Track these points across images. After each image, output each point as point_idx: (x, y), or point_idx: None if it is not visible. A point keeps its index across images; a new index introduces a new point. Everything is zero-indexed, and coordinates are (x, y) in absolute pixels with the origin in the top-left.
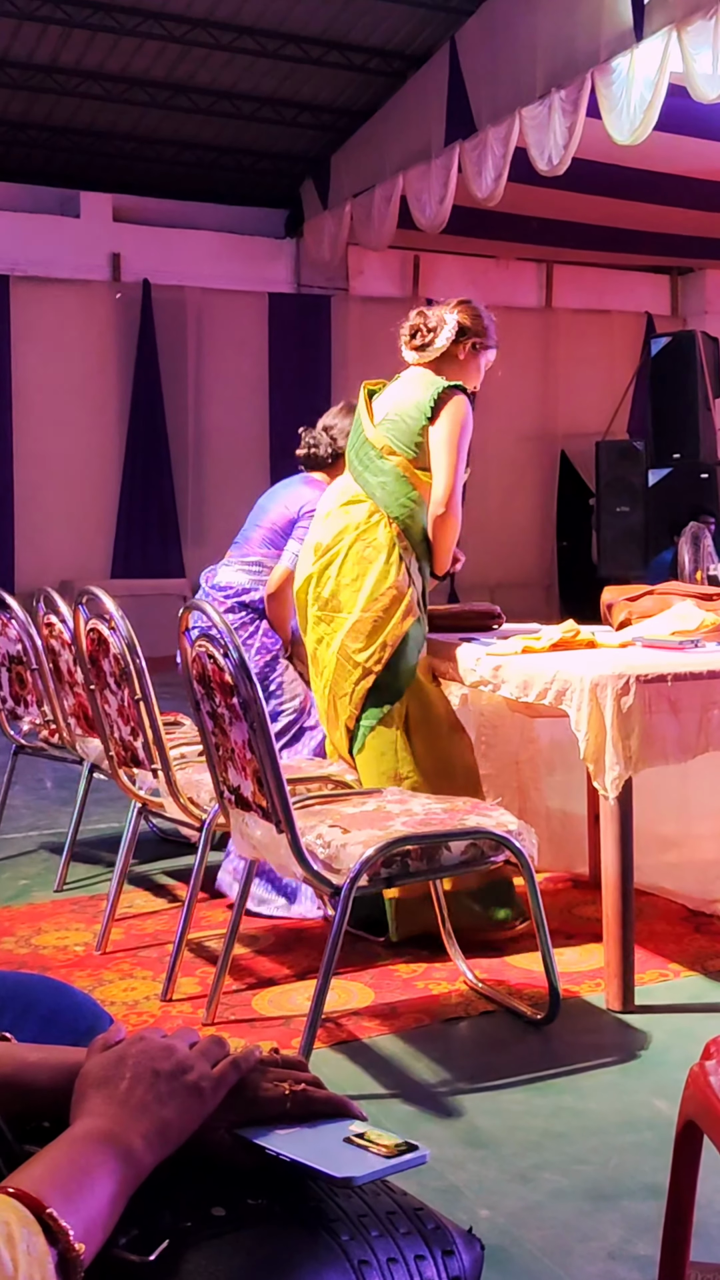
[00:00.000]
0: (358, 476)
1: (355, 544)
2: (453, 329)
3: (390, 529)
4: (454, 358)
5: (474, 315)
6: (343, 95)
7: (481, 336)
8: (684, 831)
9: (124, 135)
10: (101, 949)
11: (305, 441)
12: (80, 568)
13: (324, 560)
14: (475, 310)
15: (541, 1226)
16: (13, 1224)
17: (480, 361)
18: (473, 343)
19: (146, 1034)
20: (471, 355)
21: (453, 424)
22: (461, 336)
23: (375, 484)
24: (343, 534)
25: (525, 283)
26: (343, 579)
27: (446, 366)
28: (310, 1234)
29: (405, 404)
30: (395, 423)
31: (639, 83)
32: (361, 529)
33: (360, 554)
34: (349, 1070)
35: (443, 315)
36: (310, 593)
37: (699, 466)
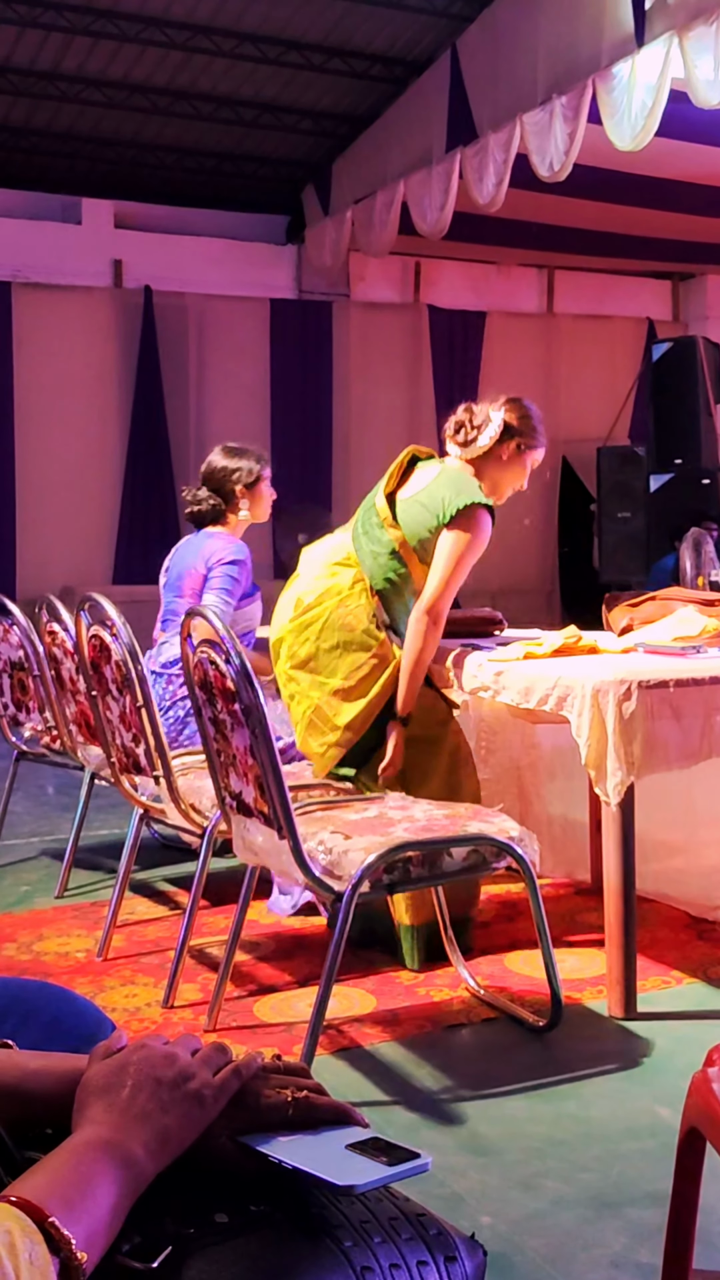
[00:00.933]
0: (355, 538)
1: (337, 609)
2: (498, 428)
3: (371, 600)
4: (497, 458)
5: (522, 415)
6: (344, 101)
7: (528, 437)
8: (686, 838)
9: (126, 142)
10: (103, 955)
11: (186, 501)
12: (82, 574)
13: (303, 619)
14: (524, 410)
15: (544, 1234)
16: (15, 1233)
17: (526, 461)
18: (518, 443)
19: (148, 1041)
20: (516, 455)
21: (465, 539)
22: (506, 437)
23: (368, 551)
24: (325, 596)
25: (526, 288)
26: (322, 643)
27: (489, 466)
28: (313, 1240)
29: (433, 496)
30: (413, 508)
31: (640, 88)
32: (344, 595)
33: (342, 620)
34: (351, 1077)
35: (489, 413)
36: (285, 648)
37: (700, 472)
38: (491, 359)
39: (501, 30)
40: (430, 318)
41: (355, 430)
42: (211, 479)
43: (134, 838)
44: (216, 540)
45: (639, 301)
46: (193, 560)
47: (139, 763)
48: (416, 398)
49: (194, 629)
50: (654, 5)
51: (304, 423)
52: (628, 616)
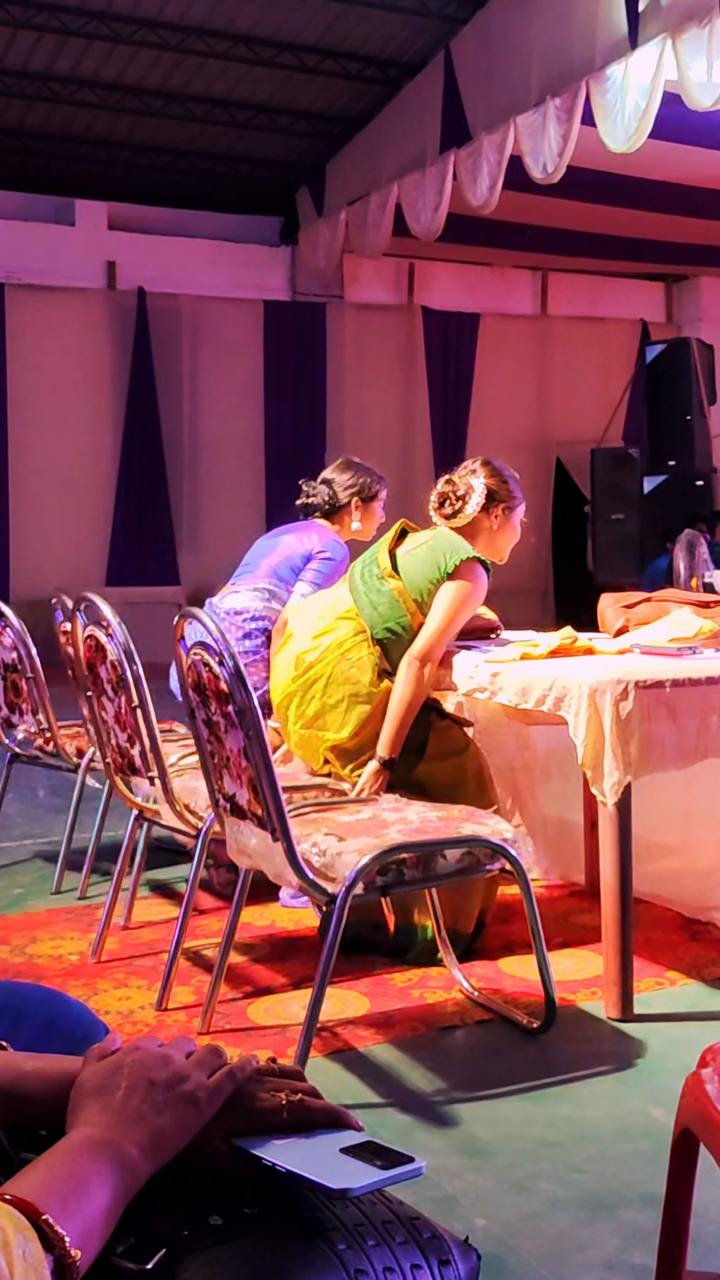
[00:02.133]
0: (354, 589)
1: (339, 664)
2: (481, 495)
3: (374, 650)
4: (486, 528)
5: (500, 479)
6: (338, 103)
7: (509, 500)
8: (681, 839)
9: (119, 143)
10: (97, 957)
11: (305, 491)
12: (75, 575)
13: (307, 676)
14: (500, 473)
15: (538, 1236)
16: (9, 1230)
17: (514, 521)
18: (503, 507)
19: (142, 1043)
20: (504, 519)
21: (462, 592)
22: (491, 503)
23: (368, 602)
24: (327, 651)
25: (520, 290)
26: (328, 699)
27: (481, 535)
28: (306, 1243)
29: (435, 550)
30: (414, 560)
31: (633, 90)
32: (345, 648)
33: (345, 674)
34: (345, 1079)
35: (470, 482)
36: (293, 708)
37: (694, 473)
38: (485, 361)
39: (495, 32)
40: (424, 319)
41: (349, 432)
42: (329, 484)
43: (129, 839)
44: (329, 533)
45: (632, 303)
46: (293, 538)
47: (134, 763)
48: (410, 399)
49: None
50: (647, 8)
51: (297, 424)
52: (623, 618)
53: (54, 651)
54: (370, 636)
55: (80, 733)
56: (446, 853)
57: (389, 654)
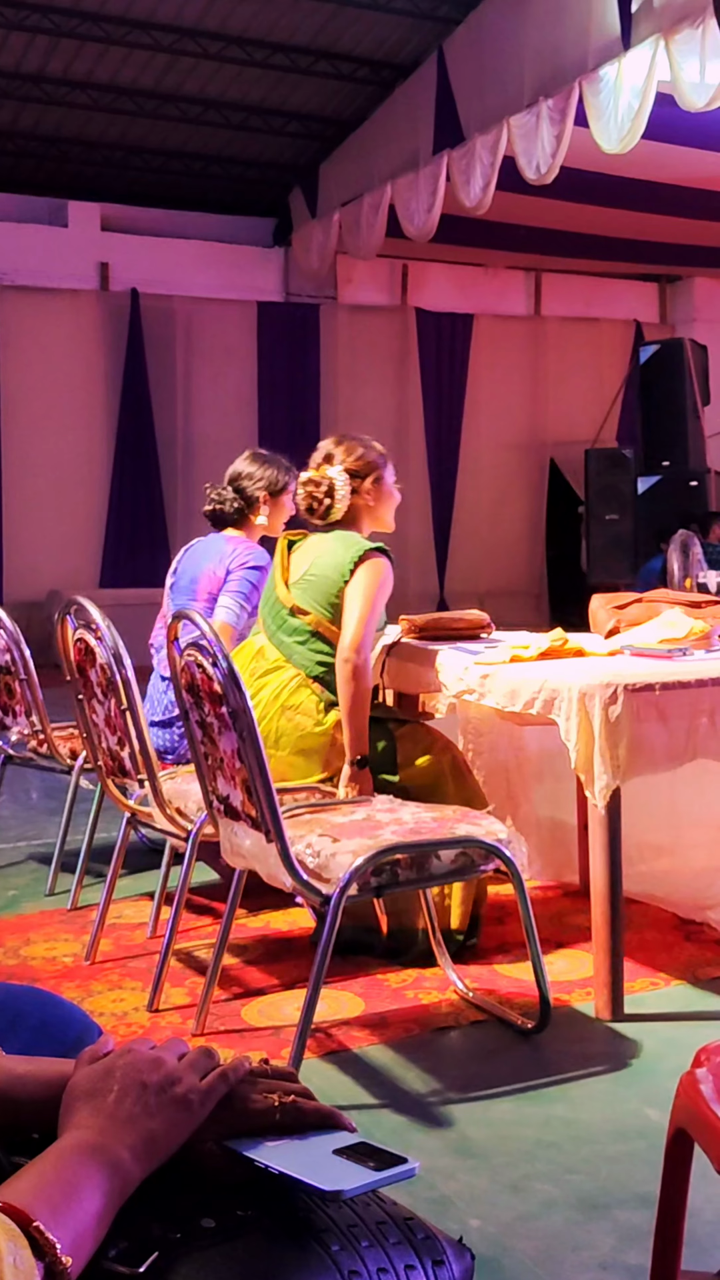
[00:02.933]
0: (272, 636)
1: (281, 719)
2: (345, 483)
3: (314, 689)
4: (364, 507)
5: (356, 454)
6: (331, 104)
7: (374, 468)
8: (673, 840)
9: (112, 144)
10: (91, 959)
11: (210, 499)
12: (68, 577)
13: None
14: (353, 446)
15: (533, 1236)
16: (0, 1239)
17: (387, 486)
18: (371, 480)
19: (135, 1045)
20: (376, 490)
21: (370, 580)
22: (357, 482)
23: (291, 643)
24: (267, 709)
25: (514, 291)
26: (281, 753)
27: (361, 517)
28: (300, 1245)
29: (324, 564)
30: (312, 582)
31: (626, 91)
32: (284, 699)
33: (290, 726)
34: (339, 1080)
35: (327, 473)
36: None
37: (688, 474)
38: (479, 361)
39: (488, 33)
40: (418, 320)
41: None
42: (236, 481)
43: (122, 841)
44: (235, 543)
45: (626, 304)
46: (210, 563)
47: (124, 766)
48: (404, 400)
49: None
50: (640, 8)
51: (291, 426)
52: (614, 619)
53: (48, 653)
54: (306, 676)
55: (74, 734)
56: (441, 853)
57: (331, 686)
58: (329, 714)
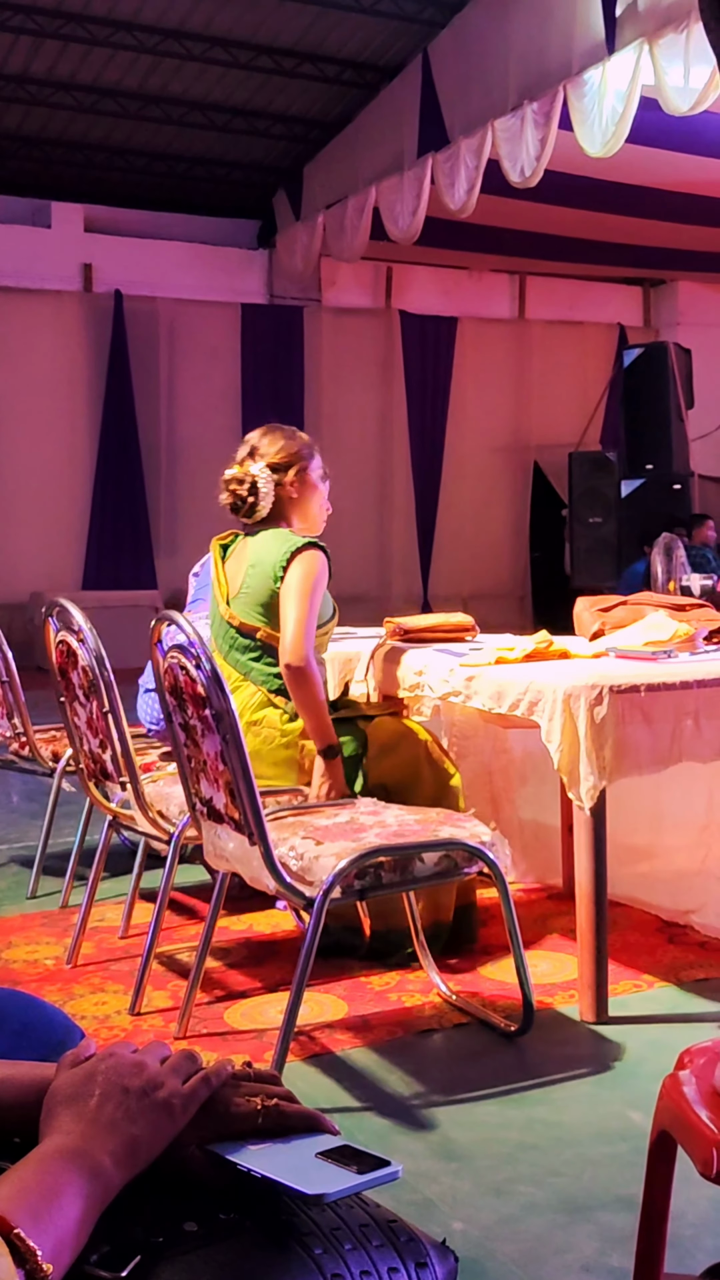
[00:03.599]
0: (226, 656)
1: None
2: (268, 480)
3: (277, 703)
4: (288, 500)
5: (279, 446)
6: (315, 106)
7: (298, 460)
8: (658, 842)
9: (96, 145)
10: (72, 963)
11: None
12: (51, 579)
13: None
14: (276, 438)
15: (516, 1239)
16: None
17: (312, 479)
18: (294, 472)
19: (117, 1049)
20: (300, 482)
21: (303, 576)
22: (280, 476)
23: (245, 661)
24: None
25: (498, 294)
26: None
27: (289, 511)
28: (283, 1248)
29: (259, 569)
30: (250, 593)
31: (611, 95)
32: (249, 718)
33: (258, 746)
34: (322, 1083)
35: (249, 470)
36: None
37: (671, 477)
38: (463, 364)
39: (473, 36)
40: (402, 323)
41: (327, 436)
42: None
43: (104, 844)
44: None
45: (610, 307)
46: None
47: (106, 769)
48: (388, 403)
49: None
50: (625, 12)
51: None
52: (599, 621)
53: (29, 655)
54: (267, 692)
55: (56, 736)
56: (424, 856)
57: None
58: (294, 722)
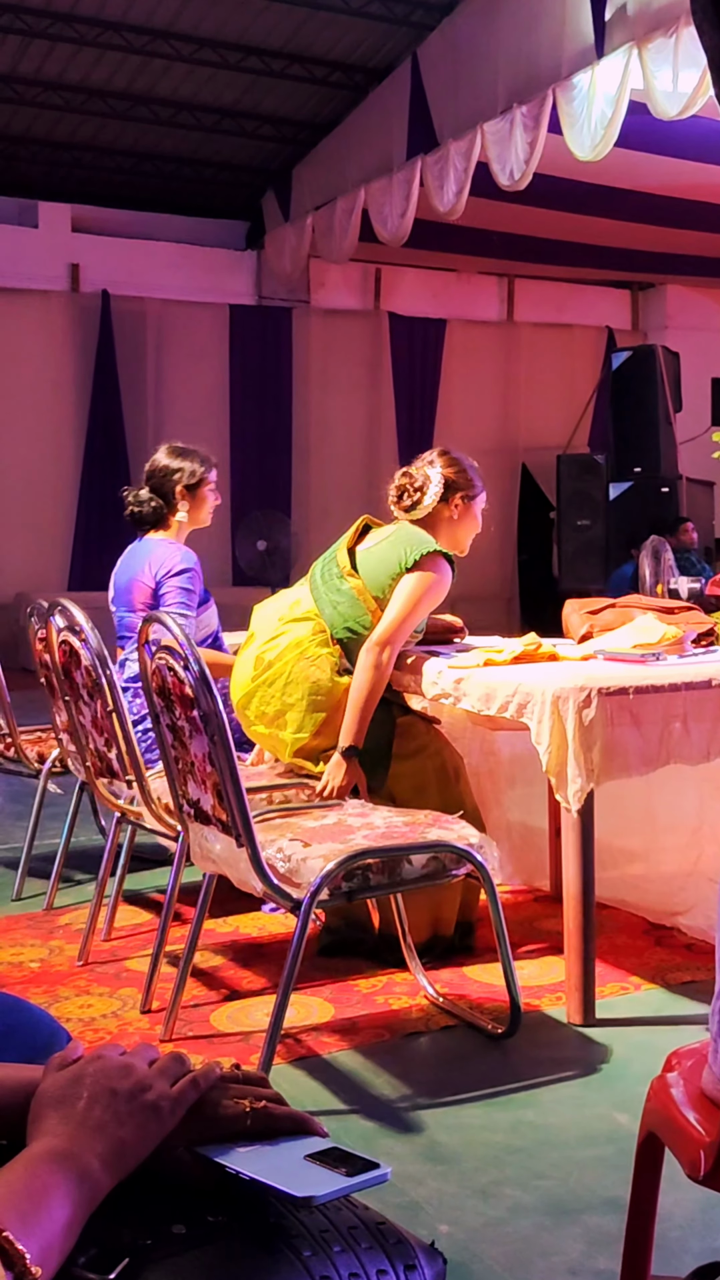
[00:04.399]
0: (314, 589)
1: (298, 663)
2: (439, 486)
3: (333, 650)
4: (447, 518)
5: (458, 468)
6: (304, 108)
7: (469, 488)
8: (645, 844)
9: (83, 145)
10: (84, 960)
11: (128, 502)
12: (37, 580)
13: (267, 676)
14: (457, 462)
15: (502, 1242)
16: None
17: (474, 510)
18: (462, 496)
19: (105, 1051)
20: (464, 508)
21: (423, 581)
22: (450, 493)
23: (328, 601)
24: (286, 650)
25: (486, 296)
26: (288, 698)
27: (440, 526)
28: (272, 1250)
29: (394, 546)
30: (373, 558)
31: (600, 99)
32: (304, 648)
33: (304, 674)
34: (309, 1086)
35: (427, 473)
36: (254, 706)
37: (659, 480)
38: (451, 367)
39: (462, 39)
40: (390, 325)
41: (315, 437)
42: (153, 478)
43: (112, 843)
44: (161, 549)
45: (598, 310)
46: (138, 570)
47: (112, 767)
48: (376, 405)
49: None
50: (614, 16)
51: (263, 429)
52: (587, 624)
53: (14, 656)
54: (330, 636)
55: (42, 737)
56: (412, 858)
57: (349, 653)
58: (341, 678)
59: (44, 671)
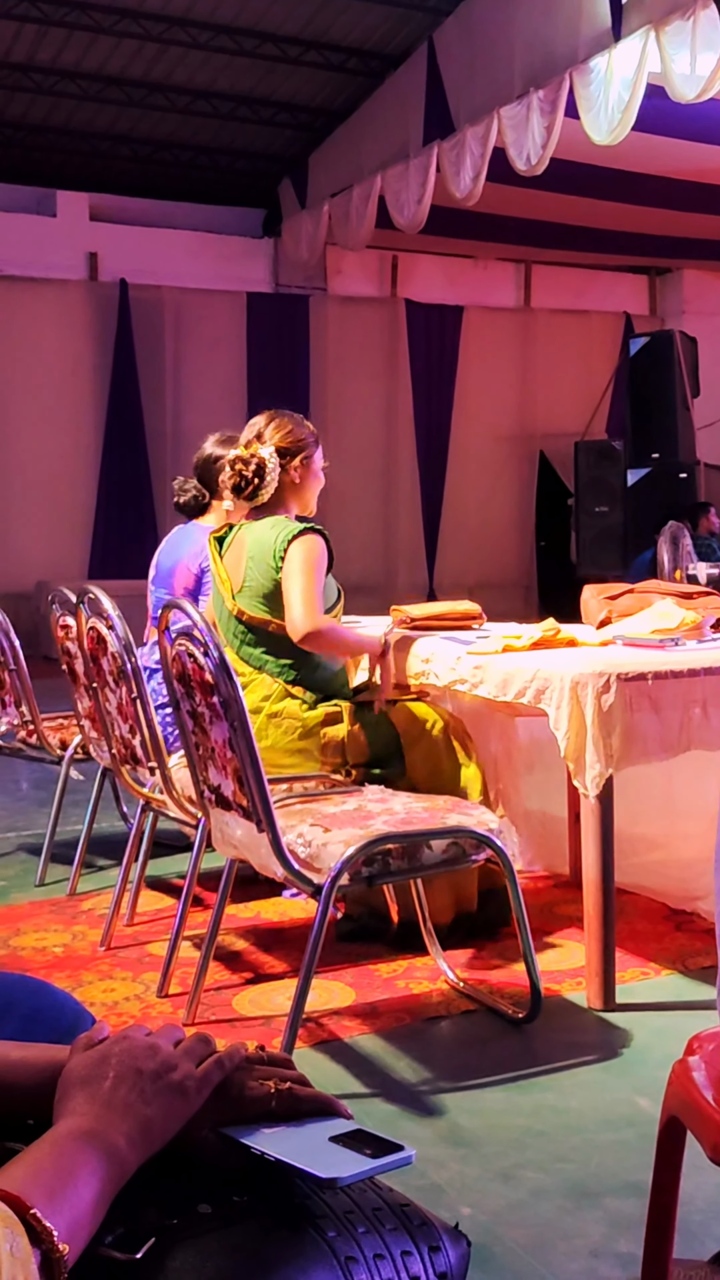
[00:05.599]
0: (238, 650)
1: (269, 726)
2: (275, 463)
3: (296, 692)
4: (289, 485)
5: (285, 431)
6: (320, 94)
7: (303, 448)
8: (666, 830)
9: (101, 134)
10: (106, 945)
11: (175, 490)
12: (57, 568)
13: None
14: (284, 423)
15: (524, 1224)
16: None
17: (314, 468)
18: (301, 459)
19: (130, 1033)
20: (304, 469)
21: (303, 557)
22: (286, 461)
23: (259, 655)
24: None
25: (503, 283)
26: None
27: (288, 497)
28: (296, 1231)
29: (259, 560)
30: (253, 586)
31: (617, 83)
32: (268, 710)
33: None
34: (330, 1070)
35: (258, 453)
36: None
37: (677, 466)
38: (469, 353)
39: (478, 24)
40: (407, 312)
41: (332, 424)
42: (199, 467)
43: (137, 828)
44: (203, 536)
45: (616, 296)
46: (181, 555)
47: (136, 754)
48: (394, 392)
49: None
50: (630, 0)
51: None
52: (606, 609)
53: (35, 644)
54: (285, 683)
55: (64, 725)
56: (432, 843)
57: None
58: (314, 710)
59: (66, 659)
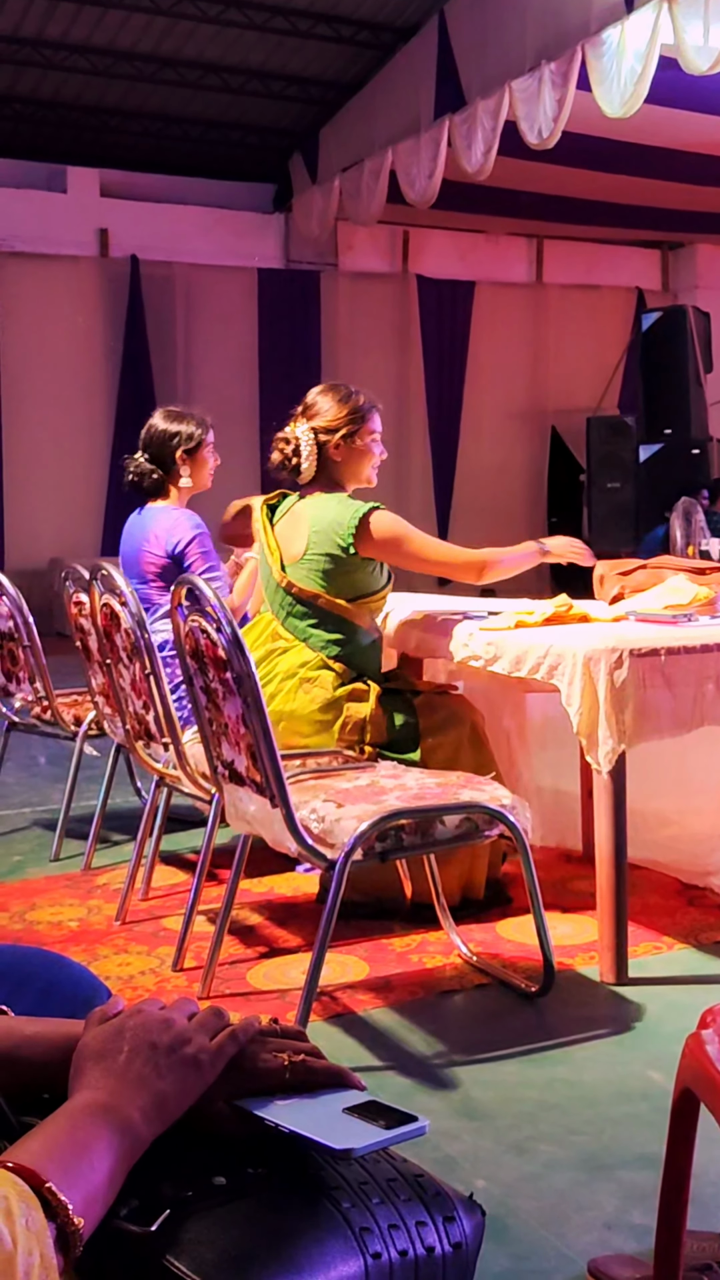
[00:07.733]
0: (283, 621)
1: (299, 690)
2: (310, 442)
3: (334, 666)
4: (335, 461)
5: (325, 409)
6: (331, 68)
7: (348, 424)
8: (679, 806)
9: (111, 109)
10: (122, 920)
11: (129, 470)
12: (70, 545)
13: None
14: (328, 399)
15: (537, 1196)
16: (11, 1199)
17: (361, 443)
18: (343, 435)
19: (145, 1006)
20: (350, 446)
21: (394, 533)
22: (328, 437)
23: (303, 627)
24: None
25: (515, 258)
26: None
27: (338, 473)
28: (311, 1202)
29: (323, 535)
30: (313, 560)
31: (629, 55)
32: (303, 675)
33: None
34: (345, 1043)
35: (294, 432)
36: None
37: (690, 442)
38: (480, 329)
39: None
40: (419, 287)
41: None
42: (151, 445)
43: (151, 804)
44: (164, 518)
45: (628, 271)
46: (143, 541)
47: (150, 730)
48: (405, 368)
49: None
50: None
51: (292, 393)
52: (619, 585)
53: (48, 621)
54: (326, 657)
55: (78, 700)
56: (445, 819)
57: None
58: (343, 687)
59: (79, 635)
